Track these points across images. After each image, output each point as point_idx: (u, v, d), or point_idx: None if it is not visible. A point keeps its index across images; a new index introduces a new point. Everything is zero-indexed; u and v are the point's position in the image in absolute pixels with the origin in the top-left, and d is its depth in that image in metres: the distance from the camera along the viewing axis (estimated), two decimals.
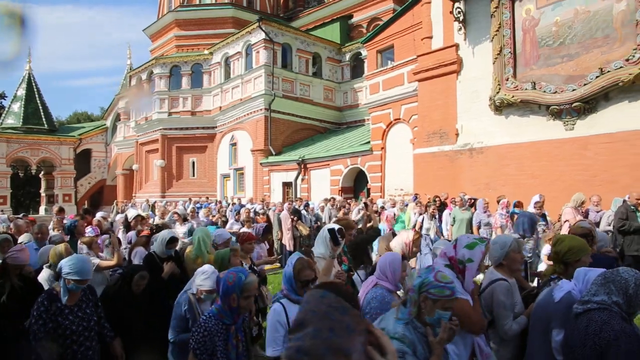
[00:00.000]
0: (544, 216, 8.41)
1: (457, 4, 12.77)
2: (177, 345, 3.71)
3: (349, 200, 14.69)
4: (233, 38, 22.81)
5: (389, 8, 24.30)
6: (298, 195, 18.97)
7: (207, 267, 3.94)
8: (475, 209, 9.90)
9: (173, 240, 5.17)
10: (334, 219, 12.53)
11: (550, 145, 10.81)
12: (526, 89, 11.15)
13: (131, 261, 5.99)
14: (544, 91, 10.83)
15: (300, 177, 19.78)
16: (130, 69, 30.29)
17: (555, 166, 10.63)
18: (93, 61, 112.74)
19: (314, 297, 1.34)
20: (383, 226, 9.27)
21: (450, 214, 10.29)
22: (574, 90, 10.31)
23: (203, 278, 3.79)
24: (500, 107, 11.77)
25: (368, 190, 17.44)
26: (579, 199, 8.40)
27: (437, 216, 10.18)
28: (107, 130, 32.71)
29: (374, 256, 6.34)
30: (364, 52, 21.12)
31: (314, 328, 1.23)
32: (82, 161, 31.50)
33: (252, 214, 11.54)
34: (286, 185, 20.62)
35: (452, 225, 9.98)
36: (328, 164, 18.79)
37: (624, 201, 7.78)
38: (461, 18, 12.81)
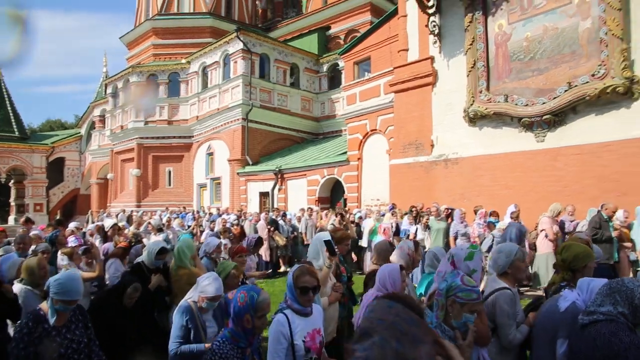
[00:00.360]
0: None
1: (432, 18, 13.04)
2: (179, 357, 3.53)
3: (326, 212, 14.72)
4: (211, 47, 22.81)
5: (366, 20, 24.65)
6: (275, 206, 18.96)
7: (211, 274, 3.82)
8: (452, 219, 10.03)
9: (163, 251, 5.00)
10: (312, 229, 12.59)
11: (522, 156, 11.07)
12: (499, 102, 11.42)
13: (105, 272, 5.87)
14: (516, 104, 11.11)
15: (277, 187, 19.78)
16: (106, 77, 29.96)
17: (528, 177, 10.89)
18: (68, 68, 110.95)
19: (381, 307, 1.33)
20: (382, 238, 9.24)
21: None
22: (544, 103, 10.60)
23: (206, 284, 3.64)
24: (474, 119, 12.01)
25: (345, 200, 17.53)
26: (556, 209, 8.63)
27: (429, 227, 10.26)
28: (82, 139, 32.20)
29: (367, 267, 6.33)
30: (341, 63, 21.29)
31: (381, 337, 1.22)
32: (55, 170, 30.87)
33: (228, 224, 11.47)
34: (263, 195, 20.58)
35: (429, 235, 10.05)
36: (305, 174, 18.84)
37: (598, 211, 8.01)
38: (436, 31, 13.07)
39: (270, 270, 11.00)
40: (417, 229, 9.91)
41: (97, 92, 32.40)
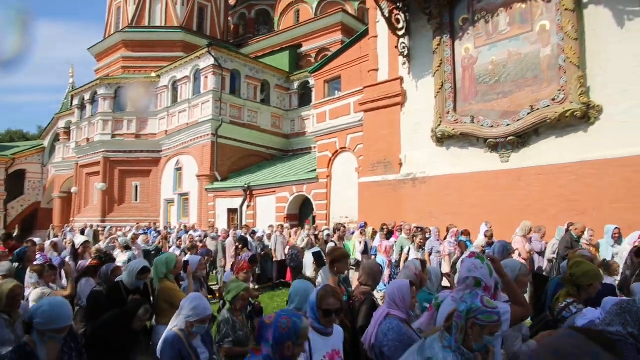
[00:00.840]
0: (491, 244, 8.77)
1: (402, 40, 13.39)
2: None
3: (295, 229, 14.69)
4: (182, 62, 22.72)
5: (337, 40, 25.08)
6: (244, 222, 18.84)
7: (194, 294, 3.66)
8: (422, 239, 10.12)
9: (145, 270, 4.72)
10: (281, 246, 12.54)
11: (488, 176, 11.39)
12: (465, 123, 11.75)
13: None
14: (482, 125, 11.46)
15: (246, 203, 19.67)
16: (73, 88, 29.34)
17: (493, 196, 11.19)
18: (32, 77, 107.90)
19: (579, 339, 1.28)
20: (382, 258, 9.21)
21: (396, 242, 10.38)
22: (508, 125, 10.98)
23: (191, 307, 3.41)
24: (442, 139, 12.31)
25: (314, 218, 17.56)
26: (526, 226, 8.83)
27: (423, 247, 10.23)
28: (45, 151, 31.31)
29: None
30: (312, 81, 21.53)
31: None
32: (15, 182, 29.87)
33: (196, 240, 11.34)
34: (231, 211, 20.42)
35: (400, 254, 9.95)
36: (274, 191, 18.83)
37: (567, 231, 8.24)
38: (405, 53, 13.41)
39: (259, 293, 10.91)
40: (409, 248, 9.72)
41: (62, 104, 31.65)
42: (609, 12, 9.93)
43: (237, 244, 11.67)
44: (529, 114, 10.59)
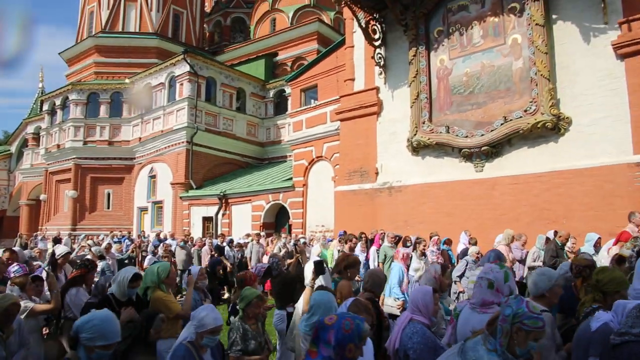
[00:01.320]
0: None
1: (378, 50, 13.56)
2: None
3: (271, 238, 14.56)
4: (156, 69, 22.47)
5: (313, 49, 25.22)
6: (219, 231, 18.67)
7: (207, 305, 3.56)
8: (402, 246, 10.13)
9: (136, 277, 4.43)
10: (257, 255, 12.42)
11: (462, 185, 11.58)
12: (441, 133, 11.94)
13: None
14: (457, 135, 11.66)
15: (221, 212, 19.50)
16: (42, 93, 28.69)
17: (468, 205, 11.38)
18: None
19: None
20: (399, 265, 8.95)
21: (377, 250, 10.13)
22: (482, 135, 11.20)
23: (203, 315, 3.29)
24: (417, 149, 12.47)
25: (289, 226, 17.53)
26: (509, 235, 8.87)
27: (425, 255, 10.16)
28: (11, 157, 30.41)
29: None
30: (287, 89, 21.59)
31: None
32: None
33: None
34: (207, 220, 20.21)
35: (383, 262, 9.69)
36: (250, 200, 18.73)
37: (549, 239, 8.31)
38: (382, 63, 13.58)
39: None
40: (411, 257, 9.59)
41: (31, 108, 30.84)
42: (576, 28, 10.31)
43: (212, 252, 11.56)
44: (502, 124, 10.84)
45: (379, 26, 13.60)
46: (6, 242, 21.31)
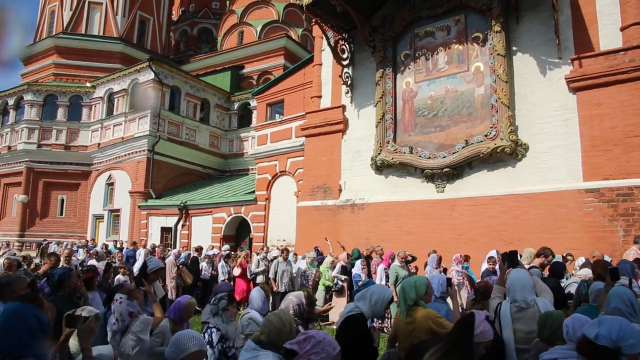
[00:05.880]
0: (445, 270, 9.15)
1: (346, 69, 13.83)
2: None
3: (234, 252, 14.30)
4: (120, 74, 22.02)
5: (279, 64, 25.41)
6: (178, 242, 18.33)
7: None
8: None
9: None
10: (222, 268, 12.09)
11: (424, 204, 11.88)
12: (404, 153, 12.24)
13: None
14: (420, 156, 11.99)
15: (181, 222, 19.15)
16: None
17: (428, 224, 11.66)
18: None
19: None
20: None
21: (385, 269, 9.77)
22: (444, 157, 11.57)
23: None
24: (381, 167, 12.72)
25: (250, 239, 17.40)
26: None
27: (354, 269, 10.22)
28: None
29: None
30: (252, 103, 21.60)
31: None
32: None
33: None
34: (165, 230, 19.77)
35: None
36: (211, 211, 18.50)
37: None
38: (349, 82, 13.85)
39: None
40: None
41: None
42: (534, 60, 10.91)
43: (177, 264, 11.17)
44: (463, 147, 11.23)
45: (347, 46, 13.89)
46: None
